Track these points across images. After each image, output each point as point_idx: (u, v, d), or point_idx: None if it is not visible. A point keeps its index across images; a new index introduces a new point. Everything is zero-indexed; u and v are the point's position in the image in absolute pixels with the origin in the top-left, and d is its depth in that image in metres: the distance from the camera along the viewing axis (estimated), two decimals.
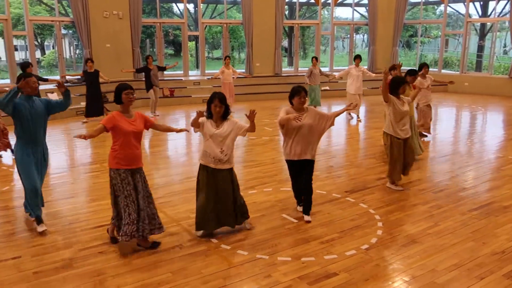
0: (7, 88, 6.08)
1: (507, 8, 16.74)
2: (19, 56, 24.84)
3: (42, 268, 4.00)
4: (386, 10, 17.27)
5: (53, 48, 28.86)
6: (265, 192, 5.98)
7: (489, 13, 19.42)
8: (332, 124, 4.91)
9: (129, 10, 13.86)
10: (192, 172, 6.95)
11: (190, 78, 15.19)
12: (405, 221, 5.04)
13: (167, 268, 4.00)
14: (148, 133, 9.66)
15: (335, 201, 5.66)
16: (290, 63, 22.90)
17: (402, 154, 5.95)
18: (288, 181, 6.31)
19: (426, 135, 9.02)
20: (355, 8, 18.00)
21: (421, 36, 21.86)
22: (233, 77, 12.42)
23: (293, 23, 17.81)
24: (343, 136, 9.80)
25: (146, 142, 9.13)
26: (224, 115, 4.51)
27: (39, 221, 4.78)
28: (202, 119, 4.51)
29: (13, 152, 5.69)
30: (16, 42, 20.36)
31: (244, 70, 15.67)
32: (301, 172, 4.97)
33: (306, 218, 5.03)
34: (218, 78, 12.39)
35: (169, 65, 12.36)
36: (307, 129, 4.79)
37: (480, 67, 20.29)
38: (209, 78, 13.65)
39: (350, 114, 11.23)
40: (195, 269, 3.99)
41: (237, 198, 4.71)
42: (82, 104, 12.03)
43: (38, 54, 24.71)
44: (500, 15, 17.22)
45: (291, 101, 4.86)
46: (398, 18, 17.29)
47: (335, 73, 12.18)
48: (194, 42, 23.15)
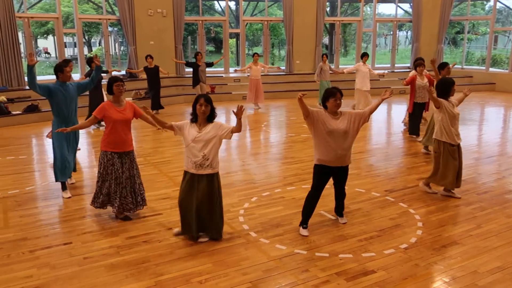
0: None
1: None
2: (68, 53, 25.93)
3: (91, 254, 4.23)
4: (431, 6, 16.82)
5: (99, 45, 29.93)
6: (304, 189, 6.01)
7: None
8: (366, 121, 4.56)
9: (173, 8, 14.19)
10: (230, 168, 7.12)
11: (231, 75, 15.38)
12: (446, 222, 4.96)
13: (208, 259, 4.14)
14: None
15: (375, 200, 5.63)
16: (331, 61, 22.71)
17: (457, 162, 5.55)
18: None
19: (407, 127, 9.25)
20: (399, 4, 17.63)
21: (468, 33, 21.13)
22: (263, 72, 12.61)
23: (335, 20, 17.66)
24: (383, 135, 9.67)
25: None
26: (210, 117, 4.31)
27: (64, 188, 5.79)
28: (184, 123, 4.36)
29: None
30: (65, 39, 21.29)
31: (284, 67, 15.72)
32: (336, 179, 4.71)
33: (343, 221, 4.93)
34: (244, 73, 12.62)
35: (216, 60, 12.64)
36: (342, 135, 4.41)
37: None
38: (235, 70, 13.88)
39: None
40: (235, 261, 4.10)
41: (216, 211, 4.41)
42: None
43: (85, 51, 25.69)
44: None
45: (325, 104, 4.47)
46: (444, 15, 16.79)
47: (344, 69, 12.22)
48: (235, 39, 23.38)
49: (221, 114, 12.03)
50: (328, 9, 19.72)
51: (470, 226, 4.84)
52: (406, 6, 18.11)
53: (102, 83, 9.36)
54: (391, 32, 18.77)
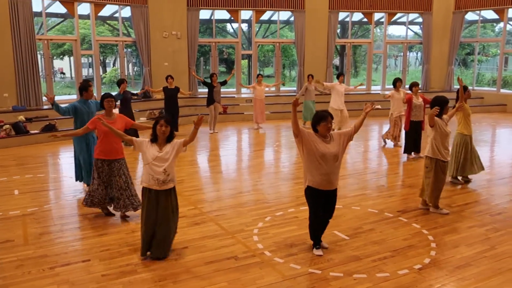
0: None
1: None
2: (83, 73, 26.45)
3: (110, 272, 4.32)
4: (442, 28, 17.00)
5: (113, 66, 30.49)
6: None
7: None
8: (351, 139, 4.62)
9: (187, 30, 14.53)
10: (243, 188, 7.22)
11: (243, 96, 15.60)
12: (460, 243, 4.98)
13: (223, 278, 4.20)
14: (205, 150, 10.06)
15: (388, 220, 5.67)
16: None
17: (445, 176, 5.86)
18: (339, 199, 6.40)
19: (386, 143, 10.22)
20: (409, 27, 17.84)
21: (479, 54, 21.24)
22: (268, 89, 13.03)
23: (345, 42, 17.90)
24: (396, 156, 9.71)
25: (203, 158, 9.49)
26: (169, 137, 4.53)
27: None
28: (144, 141, 4.57)
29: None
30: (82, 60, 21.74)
31: (296, 88, 15.91)
32: (326, 203, 4.63)
33: (325, 245, 4.82)
34: (247, 91, 13.30)
35: (229, 77, 12.86)
36: (333, 158, 4.43)
37: None
38: (240, 84, 14.08)
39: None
40: (250, 280, 4.16)
41: (172, 226, 4.65)
42: (141, 120, 12.69)
43: (100, 71, 26.21)
44: None
45: (316, 128, 4.48)
46: (454, 36, 16.95)
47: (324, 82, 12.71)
48: (247, 60, 23.71)
49: (233, 135, 12.18)
50: (339, 31, 20.01)
51: (484, 248, 4.85)
52: (416, 28, 18.34)
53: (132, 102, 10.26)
54: (402, 54, 18.93)
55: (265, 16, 16.55)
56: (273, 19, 17.33)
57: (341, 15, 16.72)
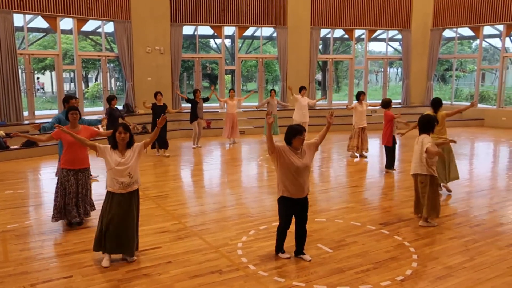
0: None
1: None
2: (65, 88, 26.19)
3: None
4: (420, 45, 17.43)
5: (96, 81, 30.30)
6: None
7: None
8: (317, 150, 4.91)
9: (170, 46, 14.60)
10: (227, 202, 7.24)
11: (226, 111, 15.62)
12: (441, 254, 5.07)
13: None
14: (188, 165, 10.04)
15: (370, 233, 5.74)
16: (323, 95, 23.18)
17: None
18: (323, 213, 6.49)
19: (357, 156, 10.53)
20: (389, 43, 18.24)
21: (456, 70, 21.79)
22: (239, 104, 13.04)
23: (327, 58, 18.19)
24: (377, 169, 9.85)
25: (186, 173, 9.47)
26: (129, 143, 4.73)
27: None
28: (107, 147, 4.72)
29: None
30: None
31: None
32: (300, 210, 4.81)
33: (308, 258, 4.87)
34: (221, 104, 13.39)
35: (210, 94, 12.61)
36: (305, 168, 4.67)
37: None
38: (212, 88, 13.15)
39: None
40: None
41: (134, 226, 4.83)
42: None
43: (82, 86, 26.00)
44: None
45: (290, 141, 4.63)
46: (433, 53, 17.39)
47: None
48: (230, 76, 23.88)
49: (216, 149, 12.20)
50: (321, 47, 20.34)
51: (464, 258, 4.95)
52: (396, 44, 18.74)
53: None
54: (382, 69, 19.32)
55: (248, 32, 16.75)
56: (256, 35, 17.55)
57: (323, 32, 17.03)
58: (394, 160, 9.30)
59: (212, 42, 24.09)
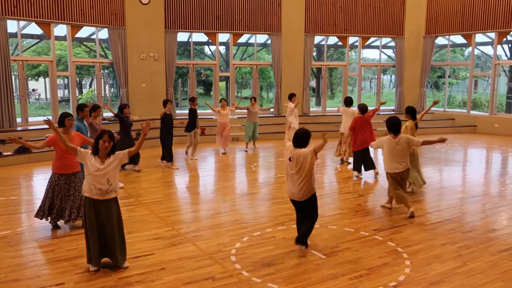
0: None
1: None
2: (59, 95, 26.10)
3: None
4: (414, 52, 17.57)
5: (90, 87, 30.24)
6: (294, 229, 6.10)
7: None
8: (316, 158, 5.15)
9: (165, 52, 14.62)
10: (220, 208, 7.23)
11: (218, 120, 15.62)
12: (433, 260, 5.09)
13: None
14: (182, 171, 10.02)
15: (363, 239, 5.75)
16: (318, 103, 23.30)
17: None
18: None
19: (349, 162, 10.50)
20: (382, 50, 18.38)
21: (449, 77, 21.96)
22: (232, 113, 12.81)
23: (321, 65, 18.29)
24: (371, 175, 9.88)
25: (180, 179, 9.45)
26: (111, 152, 4.67)
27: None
28: (87, 151, 4.68)
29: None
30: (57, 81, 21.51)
31: (273, 110, 16.10)
32: (300, 211, 5.32)
33: (303, 249, 5.29)
34: (214, 113, 12.83)
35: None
36: (293, 174, 5.16)
37: (511, 109, 20.13)
38: (205, 102, 13.21)
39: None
40: None
41: (120, 233, 4.82)
42: None
43: (76, 93, 25.93)
44: None
45: (306, 144, 5.25)
46: (426, 60, 17.54)
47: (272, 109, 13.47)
48: (225, 82, 23.93)
49: (210, 156, 12.19)
50: (315, 54, 20.43)
51: (456, 264, 4.97)
52: (389, 52, 18.87)
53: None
54: (376, 76, 19.44)
55: (243, 39, 16.81)
56: (251, 42, 17.61)
57: (317, 39, 17.13)
58: (360, 164, 9.32)
59: (207, 49, 24.17)
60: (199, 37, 17.13)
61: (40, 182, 9.06)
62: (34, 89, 29.90)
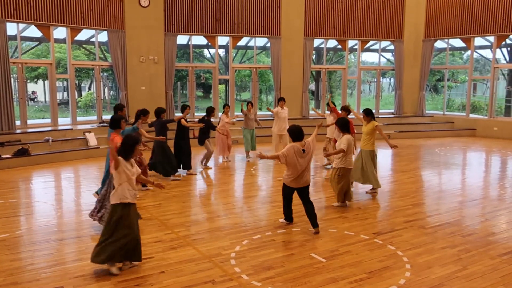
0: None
1: None
2: (58, 97, 26.07)
3: None
4: (413, 56, 17.61)
5: (89, 90, 30.23)
6: (294, 232, 6.12)
7: None
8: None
9: (164, 55, 14.63)
10: (220, 211, 7.21)
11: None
12: (434, 264, 5.07)
13: None
14: (182, 177, 9.98)
15: (363, 242, 5.74)
16: (317, 106, 23.30)
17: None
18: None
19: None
20: (382, 54, 18.40)
21: (448, 81, 22.00)
22: (233, 122, 11.63)
23: (321, 68, 18.31)
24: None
25: (180, 183, 9.43)
26: None
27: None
28: (123, 160, 4.69)
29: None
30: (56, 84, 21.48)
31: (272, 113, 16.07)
32: (302, 195, 6.16)
33: (317, 230, 6.05)
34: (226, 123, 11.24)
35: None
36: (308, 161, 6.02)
37: (510, 112, 20.13)
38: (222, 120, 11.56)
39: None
40: None
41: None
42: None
43: (75, 95, 25.89)
44: None
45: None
46: (425, 63, 17.57)
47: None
48: (224, 85, 23.95)
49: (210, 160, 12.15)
50: (314, 57, 20.46)
51: (457, 268, 4.96)
52: (389, 55, 18.91)
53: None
54: (375, 79, 19.47)
55: (242, 42, 16.81)
56: (250, 45, 17.62)
57: (316, 42, 17.14)
58: None
59: (206, 52, 24.18)
60: (199, 40, 17.11)
61: (39, 185, 9.04)
62: (33, 92, 29.89)
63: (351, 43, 17.56)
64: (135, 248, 4.80)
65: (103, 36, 14.15)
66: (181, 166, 9.76)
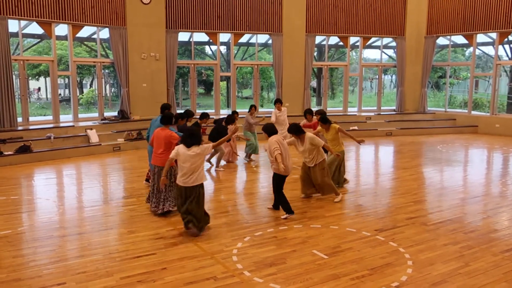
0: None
1: None
2: (59, 94, 26.07)
3: None
4: (415, 52, 17.56)
5: (90, 87, 30.26)
6: (296, 229, 6.12)
7: None
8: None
9: (166, 52, 14.61)
10: (222, 208, 7.21)
11: (221, 117, 15.62)
12: (435, 261, 5.07)
13: None
14: None
15: (365, 239, 5.74)
16: (319, 103, 23.26)
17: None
18: (318, 219, 6.51)
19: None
20: (383, 50, 18.36)
21: (450, 78, 21.95)
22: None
23: (322, 65, 18.27)
24: (372, 176, 9.87)
25: None
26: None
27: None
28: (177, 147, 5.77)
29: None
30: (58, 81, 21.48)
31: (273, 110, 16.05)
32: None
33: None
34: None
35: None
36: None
37: None
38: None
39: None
40: None
41: None
42: (119, 141, 12.59)
43: (77, 92, 25.90)
44: None
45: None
46: (427, 60, 17.52)
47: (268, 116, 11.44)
48: (225, 82, 23.92)
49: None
50: (316, 54, 20.42)
51: (459, 265, 4.96)
52: (390, 52, 18.86)
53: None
54: (377, 76, 19.42)
55: (244, 39, 16.79)
56: (252, 42, 17.59)
57: (318, 39, 17.11)
58: None
59: (208, 49, 24.17)
60: (200, 37, 17.10)
61: (41, 182, 9.06)
62: (35, 88, 29.89)
63: (353, 40, 17.52)
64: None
65: (105, 33, 14.14)
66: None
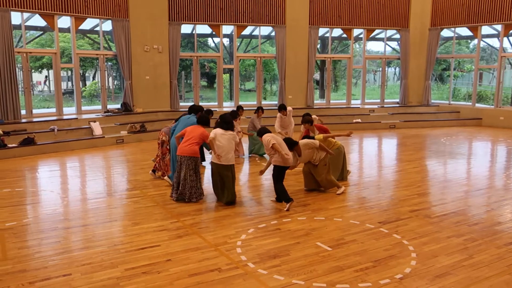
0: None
1: None
2: (63, 87, 26.09)
3: (91, 286, 4.26)
4: (418, 45, 17.46)
5: (93, 79, 30.24)
6: (299, 221, 6.14)
7: None
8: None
9: (168, 44, 14.58)
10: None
11: (224, 109, 15.63)
12: (439, 253, 5.08)
13: None
14: None
15: (369, 231, 5.75)
16: (322, 96, 23.22)
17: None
18: (321, 211, 6.52)
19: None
20: (387, 43, 18.27)
21: (454, 70, 21.83)
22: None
23: (326, 57, 18.20)
24: (375, 168, 9.87)
25: None
26: None
27: None
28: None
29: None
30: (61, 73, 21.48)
31: (277, 102, 16.05)
32: None
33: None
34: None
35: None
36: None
37: None
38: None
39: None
40: None
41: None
42: (122, 133, 12.62)
43: (80, 85, 25.89)
44: None
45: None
46: (431, 53, 17.43)
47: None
48: (228, 75, 23.89)
49: None
50: (319, 46, 20.34)
51: (463, 257, 4.96)
52: (394, 44, 18.76)
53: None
54: (380, 69, 19.34)
55: (247, 31, 16.73)
56: (255, 34, 17.53)
57: (321, 31, 17.03)
58: None
59: (210, 41, 24.08)
60: (203, 29, 17.06)
61: (45, 174, 9.09)
62: (39, 81, 29.88)
63: (356, 32, 17.45)
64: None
65: (107, 25, 14.12)
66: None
